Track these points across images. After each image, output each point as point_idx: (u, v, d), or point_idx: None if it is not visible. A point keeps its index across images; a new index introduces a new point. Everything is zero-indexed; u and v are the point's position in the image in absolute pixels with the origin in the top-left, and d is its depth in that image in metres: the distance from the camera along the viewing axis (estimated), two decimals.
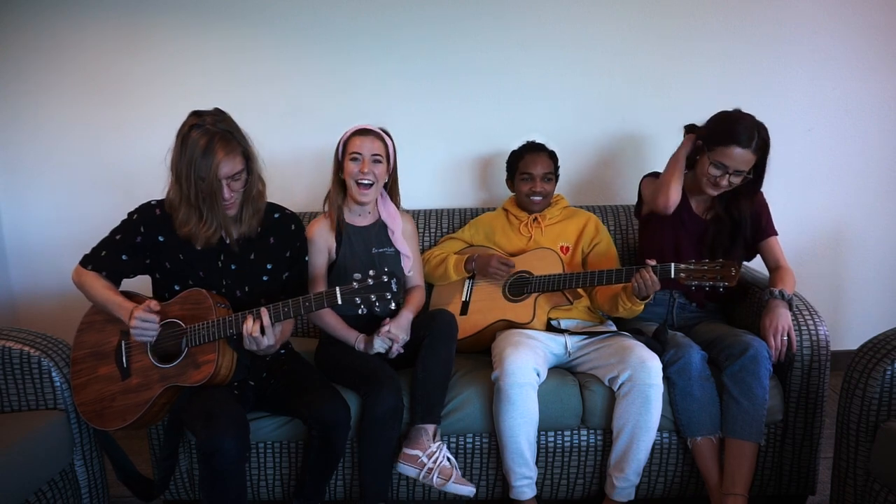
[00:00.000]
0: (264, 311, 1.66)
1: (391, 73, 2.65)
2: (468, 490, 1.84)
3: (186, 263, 1.78)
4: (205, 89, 2.65)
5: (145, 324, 1.67)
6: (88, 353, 1.82)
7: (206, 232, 1.72)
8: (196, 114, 1.69)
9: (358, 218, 2.10)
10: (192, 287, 1.76)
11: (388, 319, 1.96)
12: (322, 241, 2.04)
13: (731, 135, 1.91)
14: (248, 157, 1.71)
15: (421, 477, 1.83)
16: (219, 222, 1.72)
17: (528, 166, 2.23)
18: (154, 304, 1.70)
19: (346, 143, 2.02)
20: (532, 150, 2.27)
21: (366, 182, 1.99)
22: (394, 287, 1.60)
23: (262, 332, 1.65)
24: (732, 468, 1.84)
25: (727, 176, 1.94)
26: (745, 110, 2.02)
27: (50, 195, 2.74)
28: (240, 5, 2.60)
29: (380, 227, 2.11)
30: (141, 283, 1.87)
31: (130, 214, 1.80)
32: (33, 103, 2.67)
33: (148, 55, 2.63)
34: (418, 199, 2.69)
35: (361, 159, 1.98)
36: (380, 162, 2.01)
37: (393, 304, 1.61)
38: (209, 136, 1.63)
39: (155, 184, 1.85)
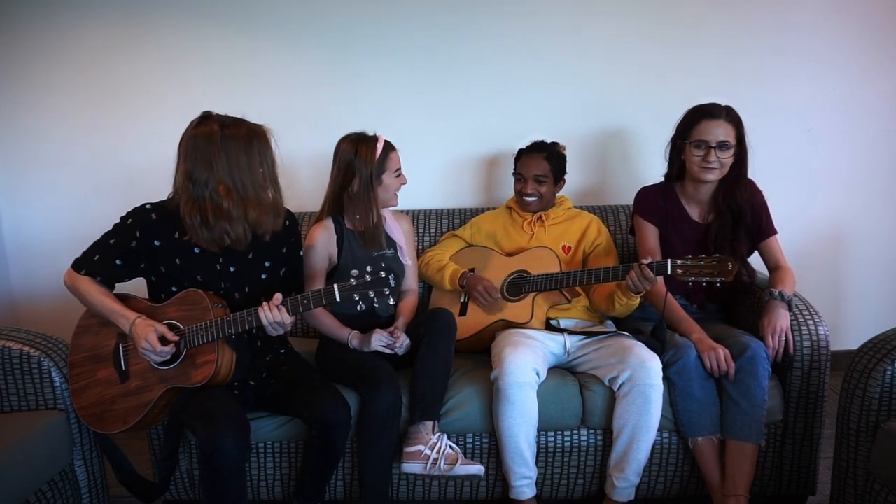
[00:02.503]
0: (274, 301, 1.68)
1: (391, 73, 2.65)
2: (477, 469, 1.83)
3: (183, 268, 1.77)
4: (205, 90, 2.65)
5: (150, 348, 1.67)
6: (86, 357, 1.81)
7: (264, 219, 1.74)
8: (203, 118, 1.71)
9: (358, 223, 2.10)
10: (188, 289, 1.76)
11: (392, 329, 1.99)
12: (323, 248, 2.05)
13: (697, 113, 2.01)
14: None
15: (427, 469, 1.82)
16: (273, 201, 1.76)
17: (522, 167, 2.26)
18: (170, 335, 1.69)
19: (384, 161, 2.02)
20: (530, 150, 2.27)
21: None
22: (391, 283, 1.60)
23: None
24: (733, 469, 1.84)
25: (712, 151, 1.95)
26: (745, 110, 2.02)
27: (50, 195, 2.74)
28: (239, 6, 2.60)
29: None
30: (137, 285, 1.86)
31: (124, 218, 1.77)
32: (33, 103, 2.67)
33: (148, 56, 2.63)
34: (419, 200, 2.69)
35: (401, 172, 2.08)
36: None
37: (391, 300, 1.61)
38: (245, 129, 1.69)
39: (155, 184, 1.85)
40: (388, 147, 2.04)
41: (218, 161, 1.66)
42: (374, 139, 2.03)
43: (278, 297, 1.68)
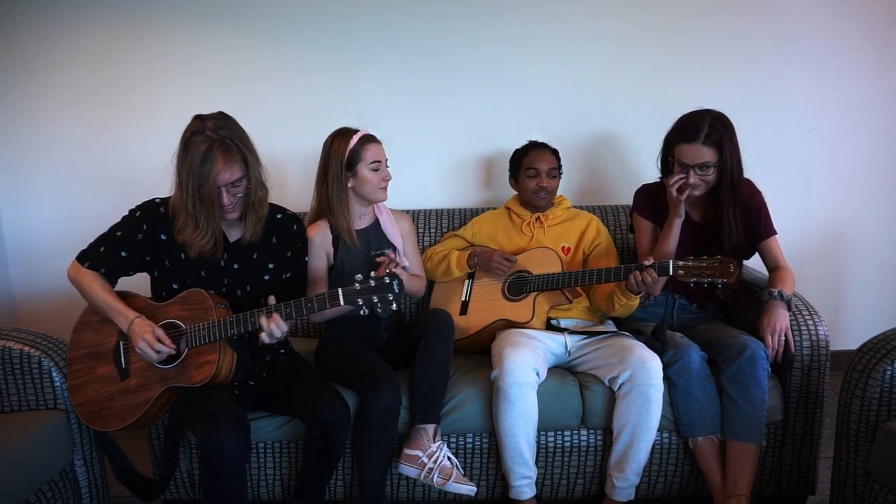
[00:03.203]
0: (269, 309, 1.68)
1: (390, 72, 2.65)
2: (469, 489, 1.84)
3: (187, 263, 1.78)
4: (203, 89, 2.65)
5: (148, 348, 1.68)
6: (86, 354, 1.81)
7: (199, 240, 1.72)
8: (199, 118, 1.69)
9: (356, 221, 2.10)
10: (190, 286, 1.77)
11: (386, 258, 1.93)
12: (320, 247, 2.04)
13: (678, 134, 1.98)
14: (247, 164, 1.70)
15: (422, 477, 1.83)
16: (213, 231, 1.73)
17: (534, 161, 2.24)
18: (167, 341, 1.69)
19: (357, 153, 1.99)
20: (536, 146, 2.29)
21: (385, 185, 2.04)
22: (395, 288, 1.60)
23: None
24: (734, 470, 1.83)
25: (692, 172, 1.94)
26: (745, 110, 2.01)
27: (50, 195, 2.74)
28: (238, 5, 2.60)
29: (377, 229, 2.12)
30: (139, 283, 1.87)
31: (133, 211, 1.80)
32: (33, 103, 2.67)
33: (147, 55, 2.63)
34: (418, 199, 2.69)
35: (381, 167, 2.03)
36: (388, 165, 2.06)
37: (394, 305, 1.61)
38: (209, 143, 1.63)
39: (154, 184, 1.86)
40: (367, 139, 2.02)
41: (181, 168, 1.67)
42: (353, 131, 2.02)
43: (271, 298, 1.70)
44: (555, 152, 2.29)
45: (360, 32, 2.62)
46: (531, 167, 2.24)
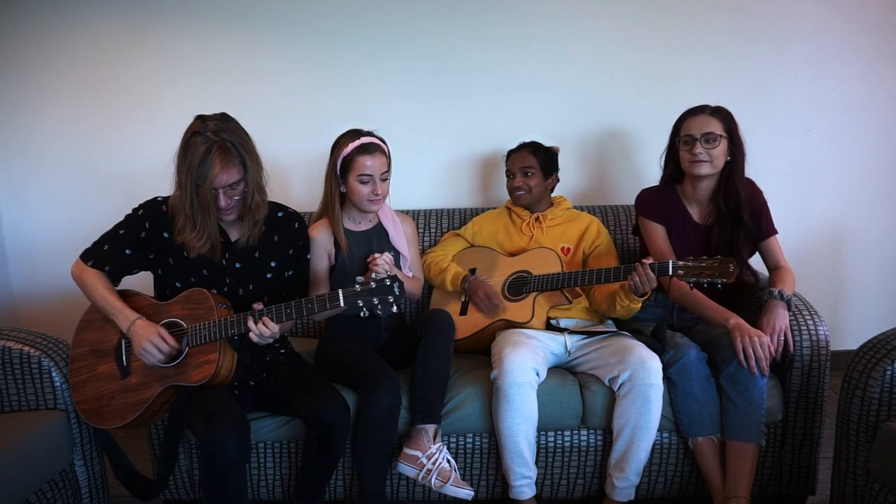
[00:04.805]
0: (261, 312, 1.67)
1: (390, 72, 2.65)
2: (466, 493, 1.84)
3: (190, 261, 1.78)
4: (204, 88, 2.65)
5: (154, 350, 1.68)
6: (88, 351, 1.82)
7: (196, 242, 1.72)
8: (200, 118, 1.69)
9: (357, 224, 2.10)
10: (193, 284, 1.77)
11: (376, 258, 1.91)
12: (322, 247, 2.04)
13: (684, 115, 2.05)
14: (246, 167, 1.70)
15: (420, 478, 1.83)
16: (209, 234, 1.73)
17: (510, 164, 2.30)
18: (170, 339, 1.70)
19: (350, 162, 1.96)
20: (517, 148, 2.31)
21: (376, 199, 1.99)
22: (396, 290, 1.60)
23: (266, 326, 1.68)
24: (734, 470, 1.84)
25: (697, 143, 1.97)
26: (745, 110, 2.03)
27: (50, 195, 2.74)
28: (239, 8, 2.60)
29: (379, 232, 2.12)
30: (141, 281, 1.87)
31: (136, 209, 1.81)
32: (34, 104, 2.67)
33: (147, 54, 2.63)
34: (418, 199, 2.69)
35: (372, 181, 1.97)
36: (387, 179, 2.02)
37: (395, 307, 1.61)
38: (208, 145, 1.63)
39: (155, 183, 1.86)
40: (362, 150, 1.95)
41: (180, 168, 1.68)
42: (358, 136, 1.98)
43: (257, 305, 1.69)
44: (535, 151, 2.25)
45: (361, 32, 2.62)
46: (508, 169, 2.30)
